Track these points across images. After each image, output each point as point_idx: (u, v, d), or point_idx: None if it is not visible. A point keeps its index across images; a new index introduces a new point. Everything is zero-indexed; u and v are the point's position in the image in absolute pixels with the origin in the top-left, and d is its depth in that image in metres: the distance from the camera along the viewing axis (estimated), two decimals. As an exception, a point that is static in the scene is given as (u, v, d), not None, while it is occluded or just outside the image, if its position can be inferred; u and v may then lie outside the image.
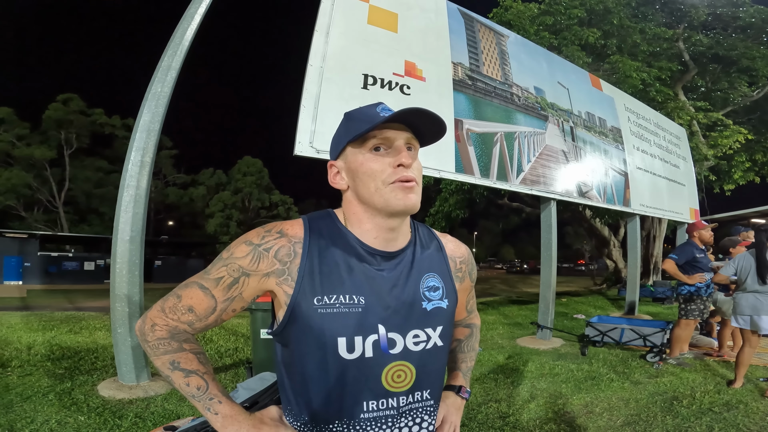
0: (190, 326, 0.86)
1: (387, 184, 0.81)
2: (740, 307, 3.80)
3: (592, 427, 2.94)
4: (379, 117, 0.81)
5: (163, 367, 0.86)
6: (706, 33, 13.86)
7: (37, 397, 3.14)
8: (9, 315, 7.32)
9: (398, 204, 0.81)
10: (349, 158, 0.86)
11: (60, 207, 26.37)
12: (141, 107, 3.71)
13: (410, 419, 0.86)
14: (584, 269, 39.32)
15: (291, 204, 35.71)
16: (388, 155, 0.83)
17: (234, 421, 0.82)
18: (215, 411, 0.83)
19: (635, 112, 8.51)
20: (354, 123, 0.84)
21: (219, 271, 0.83)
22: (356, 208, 0.86)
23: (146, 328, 0.87)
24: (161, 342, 0.85)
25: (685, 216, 9.30)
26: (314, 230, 0.85)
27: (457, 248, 1.00)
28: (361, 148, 0.84)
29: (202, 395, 0.83)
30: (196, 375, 0.84)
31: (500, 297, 13.87)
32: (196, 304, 0.84)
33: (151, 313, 0.88)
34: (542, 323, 6.04)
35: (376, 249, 0.85)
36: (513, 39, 6.33)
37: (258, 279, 0.82)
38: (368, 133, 0.82)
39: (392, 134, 0.83)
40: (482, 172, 5.21)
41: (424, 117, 0.82)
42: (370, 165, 0.82)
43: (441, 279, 0.91)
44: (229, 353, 4.93)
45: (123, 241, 3.51)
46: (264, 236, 0.84)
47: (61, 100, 25.31)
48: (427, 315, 0.87)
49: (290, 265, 0.82)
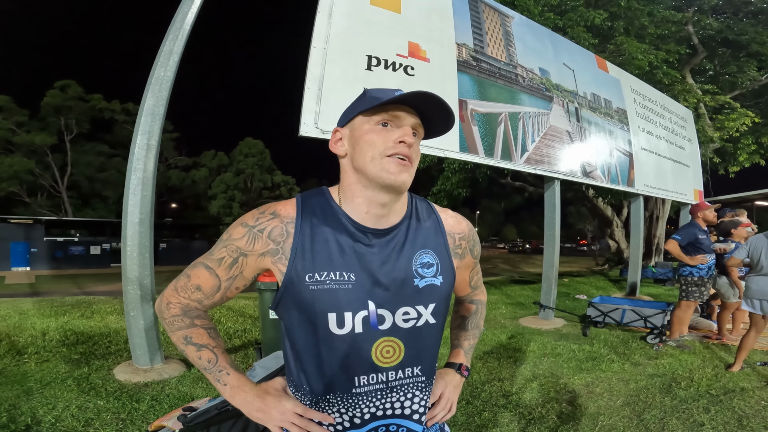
0: (199, 303, 0.93)
1: (384, 156, 0.83)
2: (751, 290, 3.73)
3: (592, 407, 3.02)
4: (393, 94, 0.84)
5: (178, 342, 0.93)
6: (716, 17, 13.62)
7: (56, 383, 3.19)
8: (20, 301, 7.41)
9: (389, 177, 0.83)
10: (356, 126, 0.88)
11: (63, 192, 26.46)
12: (144, 92, 3.69)
13: (401, 394, 0.89)
14: (586, 249, 39.42)
15: (293, 184, 35.68)
16: (392, 132, 0.85)
17: (240, 391, 0.90)
18: (224, 382, 0.91)
19: (641, 93, 8.41)
20: (371, 97, 0.87)
21: (220, 252, 0.89)
22: (350, 178, 0.88)
23: (163, 306, 0.95)
24: (175, 319, 0.93)
25: (689, 197, 9.27)
26: (306, 209, 0.88)
27: (458, 224, 1.00)
28: (370, 120, 0.86)
29: (213, 367, 0.91)
30: (206, 349, 0.92)
31: (503, 277, 14.00)
32: (203, 283, 0.91)
33: (166, 292, 0.96)
34: (544, 303, 6.12)
35: (367, 226, 0.87)
36: (518, 20, 6.21)
37: (255, 258, 0.87)
38: (381, 106, 0.84)
39: (402, 114, 0.86)
40: (486, 151, 5.20)
41: (437, 105, 0.86)
42: (373, 136, 0.85)
43: (436, 255, 0.92)
44: (237, 334, 5.03)
45: (132, 224, 3.53)
46: (258, 218, 0.88)
47: (58, 86, 25.08)
48: (418, 292, 0.88)
49: (283, 244, 0.86)
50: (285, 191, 34.63)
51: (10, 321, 5.40)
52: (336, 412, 0.86)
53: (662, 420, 2.83)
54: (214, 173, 33.32)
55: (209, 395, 2.95)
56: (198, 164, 33.54)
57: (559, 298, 7.63)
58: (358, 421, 0.87)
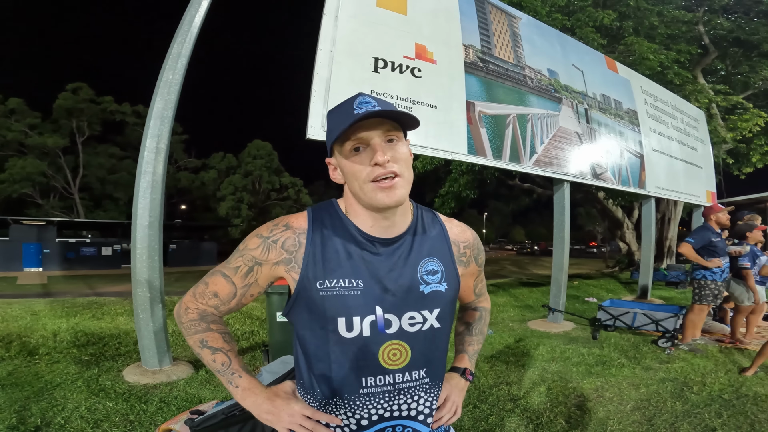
0: (216, 309, 0.97)
1: (367, 182, 0.84)
2: None
3: (601, 412, 2.98)
4: (350, 116, 0.82)
5: (194, 345, 0.98)
6: (727, 17, 13.46)
7: (66, 384, 3.22)
8: (32, 302, 7.51)
9: (380, 202, 0.85)
10: (338, 157, 0.90)
11: (75, 193, 26.85)
12: (153, 95, 3.72)
13: (408, 396, 0.91)
14: (596, 251, 38.99)
15: (301, 186, 35.78)
16: (366, 154, 0.85)
17: (251, 393, 0.94)
18: (236, 384, 0.95)
19: (652, 94, 8.31)
20: (333, 122, 0.87)
21: (236, 261, 0.94)
22: (352, 201, 0.92)
23: (182, 311, 0.99)
24: (192, 323, 0.98)
25: (702, 199, 9.14)
26: (317, 221, 0.92)
27: (462, 233, 1.03)
28: (342, 149, 0.87)
29: (226, 370, 0.96)
30: (221, 352, 0.96)
31: (511, 279, 13.89)
32: (219, 290, 0.95)
33: (185, 298, 1.00)
34: (553, 306, 6.06)
35: (374, 236, 0.90)
36: (525, 21, 6.18)
37: (269, 267, 0.92)
38: (343, 134, 0.84)
39: (366, 134, 0.84)
40: (494, 153, 5.18)
41: (390, 115, 0.84)
42: (351, 166, 0.86)
43: (441, 263, 0.95)
44: (245, 336, 5.05)
45: (142, 226, 3.57)
46: (272, 229, 0.92)
47: (70, 89, 25.47)
48: (424, 298, 0.91)
49: (296, 254, 0.90)
50: (293, 193, 34.76)
51: (22, 322, 5.48)
52: (344, 414, 0.89)
53: (673, 425, 2.78)
54: (222, 175, 33.57)
55: (217, 398, 2.97)
56: (207, 166, 33.81)
57: (568, 301, 7.55)
58: (366, 423, 0.90)
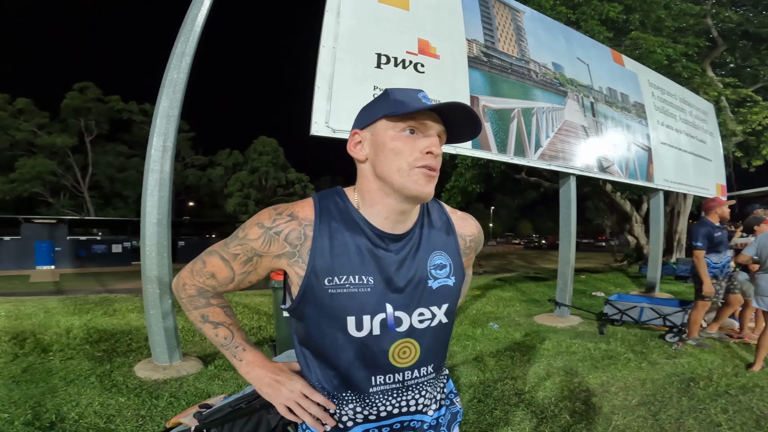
0: (213, 289, 0.96)
1: (413, 167, 0.82)
2: (761, 288, 3.70)
3: (606, 406, 2.99)
4: (420, 102, 0.82)
5: (195, 320, 0.98)
6: (736, 9, 13.23)
7: (79, 381, 3.29)
8: (45, 299, 7.65)
9: (416, 189, 0.83)
10: (379, 131, 0.85)
11: (85, 192, 27.18)
12: (159, 94, 3.76)
13: (416, 392, 0.91)
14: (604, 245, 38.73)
15: (307, 182, 35.94)
16: (419, 140, 0.84)
17: (256, 366, 0.93)
18: (240, 357, 0.94)
19: (660, 87, 8.20)
20: (395, 100, 0.84)
21: (235, 248, 0.89)
22: (371, 184, 0.87)
23: (179, 286, 0.99)
24: (192, 299, 0.97)
25: (711, 192, 9.02)
26: (324, 211, 0.87)
27: (468, 226, 1.02)
28: (395, 125, 0.84)
29: (229, 344, 0.95)
30: (222, 326, 0.96)
31: (517, 273, 13.84)
32: (217, 272, 0.92)
33: (182, 273, 0.99)
34: (560, 300, 6.05)
35: (385, 231, 0.87)
36: (529, 14, 6.12)
37: (270, 259, 0.88)
38: (411, 114, 0.82)
39: (430, 123, 0.85)
40: (499, 147, 5.15)
41: (467, 115, 0.85)
42: (400, 144, 0.83)
43: (449, 257, 0.93)
44: (252, 331, 5.11)
45: (151, 224, 3.62)
46: (275, 219, 0.86)
47: (77, 88, 25.66)
48: (432, 293, 0.89)
49: (300, 248, 0.85)
50: (299, 188, 34.94)
51: (36, 319, 5.59)
52: (352, 410, 0.88)
53: (678, 420, 2.78)
54: (229, 172, 33.81)
55: (225, 392, 3.02)
56: (214, 163, 34.06)
57: (575, 295, 7.53)
58: (373, 418, 0.89)
